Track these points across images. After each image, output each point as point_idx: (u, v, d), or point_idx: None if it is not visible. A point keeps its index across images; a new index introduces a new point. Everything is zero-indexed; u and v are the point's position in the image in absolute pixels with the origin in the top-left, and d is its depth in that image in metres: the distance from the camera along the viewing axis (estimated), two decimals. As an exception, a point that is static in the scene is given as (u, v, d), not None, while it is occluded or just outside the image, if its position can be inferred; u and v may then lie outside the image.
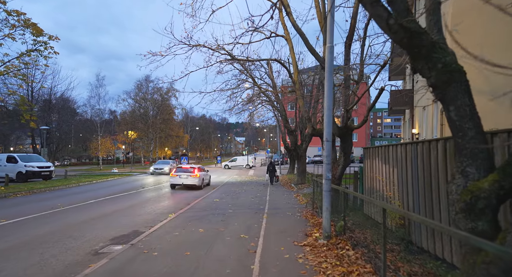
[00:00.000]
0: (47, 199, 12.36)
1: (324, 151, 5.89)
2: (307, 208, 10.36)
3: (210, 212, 9.59)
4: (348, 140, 8.92)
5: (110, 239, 6.44)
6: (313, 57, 8.51)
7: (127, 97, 53.64)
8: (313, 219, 8.35)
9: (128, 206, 11.02)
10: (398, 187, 6.23)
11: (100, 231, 7.10)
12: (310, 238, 6.33)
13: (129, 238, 6.48)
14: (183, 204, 11.67)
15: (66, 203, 11.32)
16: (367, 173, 8.50)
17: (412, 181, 5.62)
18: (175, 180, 17.04)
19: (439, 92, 3.17)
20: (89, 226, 7.66)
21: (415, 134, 15.84)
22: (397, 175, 6.33)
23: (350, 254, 4.97)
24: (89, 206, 10.85)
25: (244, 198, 13.41)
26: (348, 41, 8.09)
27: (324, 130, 5.89)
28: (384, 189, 7.13)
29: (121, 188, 17.05)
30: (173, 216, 8.91)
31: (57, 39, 13.66)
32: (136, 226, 7.77)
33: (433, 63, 3.09)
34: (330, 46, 5.76)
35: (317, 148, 56.64)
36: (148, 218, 8.89)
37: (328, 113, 5.84)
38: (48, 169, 19.59)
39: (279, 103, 20.80)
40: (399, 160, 6.23)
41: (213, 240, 6.15)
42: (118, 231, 7.18)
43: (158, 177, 25.64)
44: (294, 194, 14.62)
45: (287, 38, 9.35)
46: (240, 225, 7.61)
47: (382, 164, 7.23)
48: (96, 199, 12.52)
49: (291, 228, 7.31)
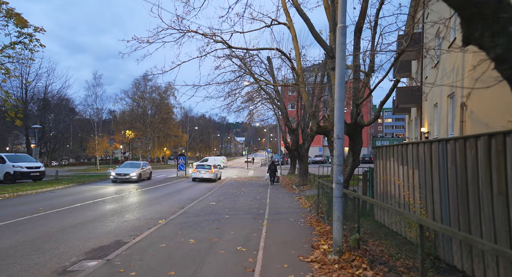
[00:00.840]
0: (30, 202, 11.47)
1: (335, 150, 5.02)
2: (311, 213, 9.49)
3: (204, 217, 8.71)
4: (357, 138, 8.05)
5: (86, 252, 5.56)
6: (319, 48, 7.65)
7: (125, 96, 52.75)
8: (319, 227, 7.47)
9: (117, 210, 10.13)
10: (420, 192, 5.35)
11: (77, 242, 6.22)
12: (317, 251, 5.45)
13: (108, 251, 5.60)
14: (176, 207, 10.80)
15: (49, 206, 10.44)
16: (379, 175, 7.62)
17: (440, 186, 4.74)
18: (196, 174, 22.81)
19: (508, 68, 2.28)
20: (67, 234, 6.77)
21: (424, 133, 14.95)
22: (419, 178, 5.45)
23: (369, 275, 4.09)
24: (74, 210, 9.96)
25: (243, 201, 12.53)
26: (359, 26, 7.24)
27: (335, 126, 5.02)
28: (401, 193, 6.24)
29: (113, 190, 16.16)
30: (163, 222, 8.03)
31: (43, 31, 12.77)
32: (120, 234, 6.89)
33: (501, 26, 2.19)
34: (342, 27, 4.88)
35: (318, 148, 55.84)
36: (135, 224, 8.01)
37: (340, 106, 4.96)
38: (37, 169, 18.70)
39: (279, 101, 19.93)
40: (421, 160, 5.35)
41: (204, 254, 5.26)
42: (98, 241, 6.30)
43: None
44: (296, 197, 13.74)
45: (289, 26, 8.46)
46: (237, 234, 6.73)
47: (399, 165, 6.35)
48: (83, 202, 11.63)
49: (295, 238, 6.43)
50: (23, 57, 13.42)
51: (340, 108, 4.97)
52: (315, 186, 17.18)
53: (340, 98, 4.94)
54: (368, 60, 7.86)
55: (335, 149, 5.00)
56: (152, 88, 53.02)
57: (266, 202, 12.15)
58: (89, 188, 16.98)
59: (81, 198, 12.62)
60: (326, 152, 56.78)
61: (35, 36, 12.99)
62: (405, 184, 5.98)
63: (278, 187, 18.58)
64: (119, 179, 19.75)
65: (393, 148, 6.69)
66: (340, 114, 4.96)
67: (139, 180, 20.25)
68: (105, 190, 16.20)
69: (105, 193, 14.78)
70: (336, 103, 5.00)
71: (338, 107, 4.98)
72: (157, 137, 53.21)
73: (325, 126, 8.74)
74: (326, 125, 8.74)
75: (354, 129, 7.73)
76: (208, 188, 18.45)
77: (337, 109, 4.98)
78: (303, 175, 19.11)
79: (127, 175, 19.70)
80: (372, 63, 7.66)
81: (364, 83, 7.20)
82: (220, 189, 17.49)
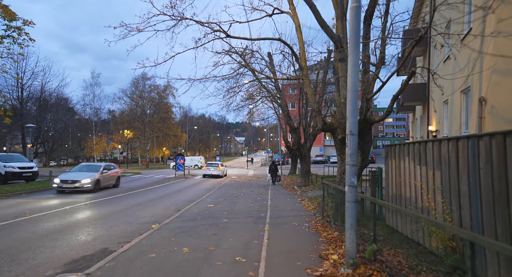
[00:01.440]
0: (17, 204, 10.84)
1: (347, 148, 4.39)
2: (315, 216, 8.86)
3: (201, 221, 8.08)
4: (367, 136, 7.45)
5: (65, 263, 4.93)
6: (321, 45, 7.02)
7: (123, 95, 52.07)
8: (326, 232, 6.85)
9: (109, 212, 9.51)
10: (443, 196, 4.72)
11: (58, 250, 5.60)
12: (327, 262, 4.82)
13: (91, 262, 4.98)
14: (172, 210, 10.17)
15: (37, 209, 9.81)
16: (392, 176, 6.99)
17: (469, 190, 4.11)
18: (206, 171, 26.84)
19: None
20: (49, 242, 6.14)
21: (432, 132, 14.33)
22: (441, 180, 4.82)
23: (391, 295, 3.46)
24: (62, 213, 9.33)
25: (243, 202, 11.90)
26: (369, 11, 6.62)
27: (347, 121, 4.39)
28: (418, 197, 5.62)
29: (107, 191, 15.53)
30: (156, 227, 7.40)
31: (32, 24, 12.14)
32: (108, 241, 6.26)
33: None
34: (356, 7, 4.26)
35: (318, 148, 55.17)
36: (126, 229, 7.38)
37: (353, 97, 4.33)
38: (30, 169, 18.05)
39: (280, 98, 19.30)
40: (445, 160, 4.72)
41: (199, 267, 4.64)
42: (82, 249, 5.67)
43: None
44: (299, 198, 13.11)
45: (293, 15, 7.83)
46: (236, 241, 6.10)
47: (415, 165, 5.72)
48: (73, 204, 11.00)
49: (300, 246, 5.81)
50: (12, 51, 12.76)
51: (354, 100, 4.34)
52: (318, 186, 16.59)
53: (353, 88, 4.32)
54: (378, 51, 7.24)
55: (348, 147, 4.38)
56: (151, 87, 52.39)
57: (267, 204, 11.52)
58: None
59: (74, 200, 11.98)
60: (327, 151, 56.16)
61: (24, 29, 12.38)
62: (423, 186, 5.36)
63: (279, 188, 17.96)
64: (66, 188, 14.12)
65: (409, 146, 6.06)
66: (353, 107, 4.34)
67: (97, 189, 14.94)
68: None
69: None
70: (349, 95, 4.37)
71: (351, 99, 4.35)
72: (156, 137, 52.54)
73: (331, 123, 8.12)
74: (332, 122, 8.12)
75: (363, 126, 7.11)
76: (206, 188, 17.83)
77: (350, 102, 4.35)
78: (305, 175, 18.49)
79: (77, 182, 14.14)
80: (383, 54, 7.04)
81: (376, 75, 6.58)
82: (219, 190, 16.86)
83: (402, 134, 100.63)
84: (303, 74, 7.99)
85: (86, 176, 14.73)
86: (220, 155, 65.89)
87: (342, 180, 7.66)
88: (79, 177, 14.47)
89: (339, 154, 7.94)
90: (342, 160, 7.84)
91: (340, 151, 7.86)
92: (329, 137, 56.08)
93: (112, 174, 17.17)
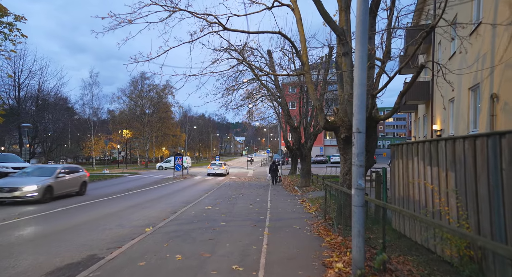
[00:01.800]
0: (6, 207, 10.45)
1: (354, 147, 4.00)
2: (317, 219, 8.48)
3: (197, 225, 7.69)
4: (372, 135, 7.06)
5: (47, 273, 4.54)
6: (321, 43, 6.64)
7: (122, 94, 51.67)
8: (329, 236, 6.46)
9: (103, 215, 9.12)
10: (458, 199, 4.33)
11: (42, 257, 5.21)
12: (331, 271, 4.43)
13: (75, 270, 4.59)
14: (168, 212, 9.78)
15: (26, 212, 9.43)
16: (399, 177, 6.60)
17: (489, 193, 3.73)
18: (210, 170, 29.37)
19: None
20: (33, 248, 5.76)
21: (436, 131, 13.94)
22: (455, 182, 4.44)
23: (405, 312, 3.08)
24: (54, 216, 8.96)
25: (242, 204, 11.51)
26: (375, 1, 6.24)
27: (354, 117, 4.01)
28: (429, 199, 5.23)
29: (104, 192, 15.15)
30: (150, 230, 7.02)
31: (24, 20, 11.76)
32: (97, 246, 5.87)
33: None
34: (364, -8, 3.87)
35: (319, 147, 54.74)
36: (118, 233, 7.00)
37: (361, 92, 3.94)
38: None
39: (280, 97, 18.91)
40: (460, 160, 4.33)
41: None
42: (68, 256, 5.29)
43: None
44: (299, 199, 12.72)
45: (293, 8, 7.44)
46: (233, 247, 5.71)
47: (425, 165, 5.33)
48: (66, 206, 10.61)
49: (301, 252, 5.42)
50: (4, 48, 12.38)
51: (361, 94, 3.95)
52: (319, 187, 16.19)
53: (361, 82, 3.93)
54: (384, 45, 6.85)
55: (354, 146, 3.99)
56: (150, 87, 51.99)
57: (267, 205, 11.13)
58: None
59: (68, 202, 11.59)
60: (328, 151, 55.75)
61: (16, 25, 11.99)
62: (435, 188, 4.97)
63: (279, 189, 17.57)
64: (3, 198, 10.68)
65: (418, 145, 5.67)
66: (361, 103, 3.95)
67: (47, 198, 11.36)
68: (91, 193, 15.05)
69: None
70: (355, 89, 3.98)
71: (358, 94, 3.96)
72: (155, 137, 52.16)
73: (334, 122, 7.73)
74: (335, 120, 7.73)
75: (368, 124, 6.67)
76: (205, 189, 17.44)
77: (357, 96, 3.96)
78: (305, 176, 18.11)
79: (16, 189, 10.70)
80: (388, 48, 6.65)
81: (382, 69, 6.18)
82: (217, 191, 16.47)
83: (402, 134, 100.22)
84: (305, 70, 7.60)
85: (32, 181, 11.24)
86: (219, 155, 65.49)
87: (346, 181, 7.27)
88: (21, 183, 10.97)
89: (342, 153, 7.55)
90: (345, 160, 7.44)
91: (343, 151, 7.47)
92: (330, 137, 55.68)
93: (74, 178, 13.41)
